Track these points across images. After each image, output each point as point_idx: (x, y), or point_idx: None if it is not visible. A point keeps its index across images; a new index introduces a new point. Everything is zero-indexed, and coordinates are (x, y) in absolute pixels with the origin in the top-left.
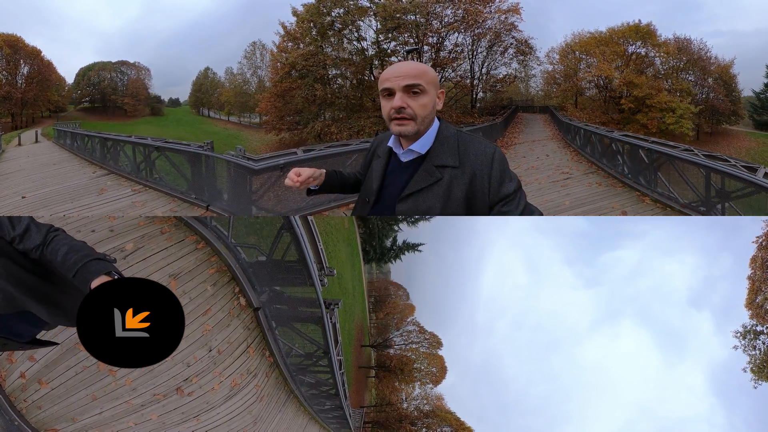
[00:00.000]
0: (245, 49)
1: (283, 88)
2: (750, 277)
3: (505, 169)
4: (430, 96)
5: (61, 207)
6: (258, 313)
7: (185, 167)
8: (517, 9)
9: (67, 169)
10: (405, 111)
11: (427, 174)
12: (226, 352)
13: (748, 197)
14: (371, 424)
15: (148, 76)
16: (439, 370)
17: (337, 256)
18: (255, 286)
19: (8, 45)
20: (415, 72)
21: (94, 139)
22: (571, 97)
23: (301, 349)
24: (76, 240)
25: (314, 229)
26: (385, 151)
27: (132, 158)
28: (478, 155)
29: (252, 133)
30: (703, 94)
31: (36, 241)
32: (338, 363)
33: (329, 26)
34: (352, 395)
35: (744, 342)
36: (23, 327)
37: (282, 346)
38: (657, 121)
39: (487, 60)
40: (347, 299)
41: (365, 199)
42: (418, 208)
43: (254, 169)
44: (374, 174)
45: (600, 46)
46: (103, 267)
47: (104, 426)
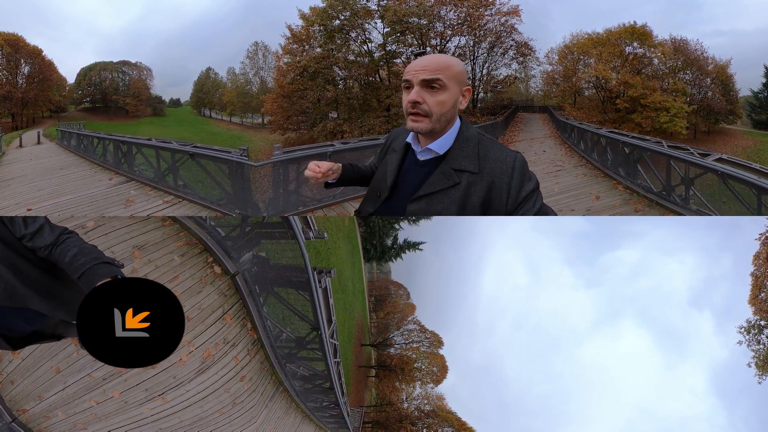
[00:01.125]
0: (248, 49)
1: (291, 89)
2: (753, 273)
3: (525, 173)
4: (450, 93)
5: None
6: (236, 279)
7: (219, 175)
8: (517, 11)
9: (77, 174)
10: (420, 106)
11: (445, 177)
12: (197, 318)
13: (700, 177)
14: (371, 424)
15: (149, 77)
16: (440, 370)
17: (336, 253)
18: (231, 254)
19: (9, 44)
20: (437, 66)
21: (105, 142)
22: (569, 97)
23: (288, 328)
24: (87, 243)
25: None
26: (402, 146)
27: (155, 164)
28: (498, 162)
29: (254, 133)
30: (700, 93)
31: (47, 240)
32: (332, 347)
33: (339, 30)
34: (352, 395)
35: (748, 337)
36: (19, 323)
37: (270, 328)
38: (651, 120)
39: (488, 61)
40: (347, 297)
41: (376, 193)
42: (431, 210)
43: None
44: (389, 169)
45: (597, 47)
46: (110, 271)
47: (67, 405)
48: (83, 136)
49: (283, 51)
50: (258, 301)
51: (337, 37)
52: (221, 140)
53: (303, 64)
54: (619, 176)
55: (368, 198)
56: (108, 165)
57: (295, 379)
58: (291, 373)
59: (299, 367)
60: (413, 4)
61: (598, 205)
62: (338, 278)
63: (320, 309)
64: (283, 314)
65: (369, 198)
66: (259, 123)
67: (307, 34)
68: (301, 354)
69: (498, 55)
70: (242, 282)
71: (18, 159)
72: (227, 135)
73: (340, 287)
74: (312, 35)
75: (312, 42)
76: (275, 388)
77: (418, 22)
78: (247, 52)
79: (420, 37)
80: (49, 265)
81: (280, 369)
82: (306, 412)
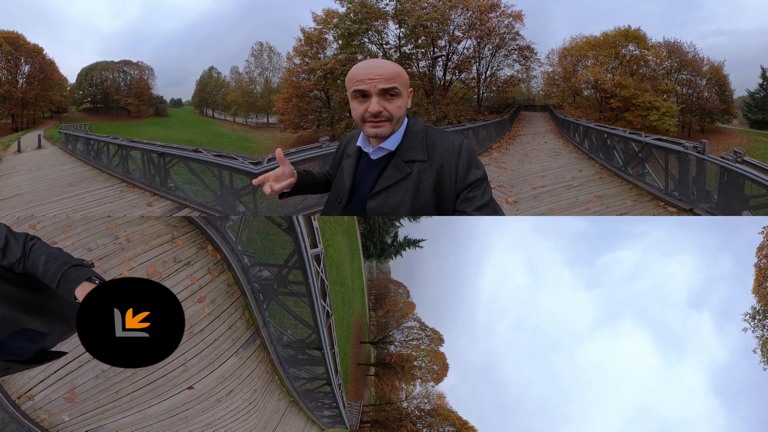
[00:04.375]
0: (252, 47)
1: (308, 88)
2: (756, 264)
3: (473, 159)
4: (403, 97)
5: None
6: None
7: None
8: (521, 16)
9: (95, 194)
10: (382, 114)
11: (397, 169)
12: (137, 241)
13: (647, 152)
14: (371, 423)
15: (151, 76)
16: (440, 368)
17: (335, 246)
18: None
19: (8, 42)
20: (391, 74)
21: (126, 150)
22: (569, 97)
23: (289, 330)
24: (52, 247)
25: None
26: (355, 149)
27: (212, 184)
28: (445, 147)
29: (261, 133)
30: (695, 94)
31: (17, 253)
32: (323, 311)
33: (358, 33)
34: (351, 393)
35: (753, 323)
36: (23, 345)
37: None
38: (642, 118)
39: (492, 63)
40: (346, 291)
41: (337, 199)
42: (389, 204)
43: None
44: (345, 173)
45: (594, 50)
46: (83, 273)
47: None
48: (93, 141)
49: (296, 52)
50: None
51: (356, 40)
52: (228, 141)
53: (330, 66)
54: (597, 158)
55: (328, 205)
56: (133, 179)
57: (288, 364)
58: (287, 360)
59: (285, 334)
60: (430, 9)
61: (580, 175)
62: (337, 271)
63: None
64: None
65: (329, 205)
66: (264, 123)
67: (319, 35)
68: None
69: (501, 57)
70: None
71: (15, 169)
72: (234, 136)
73: (339, 280)
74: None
75: (324, 44)
76: (272, 382)
77: (439, 27)
78: (252, 50)
79: (431, 40)
80: (27, 280)
81: (275, 357)
82: (289, 391)
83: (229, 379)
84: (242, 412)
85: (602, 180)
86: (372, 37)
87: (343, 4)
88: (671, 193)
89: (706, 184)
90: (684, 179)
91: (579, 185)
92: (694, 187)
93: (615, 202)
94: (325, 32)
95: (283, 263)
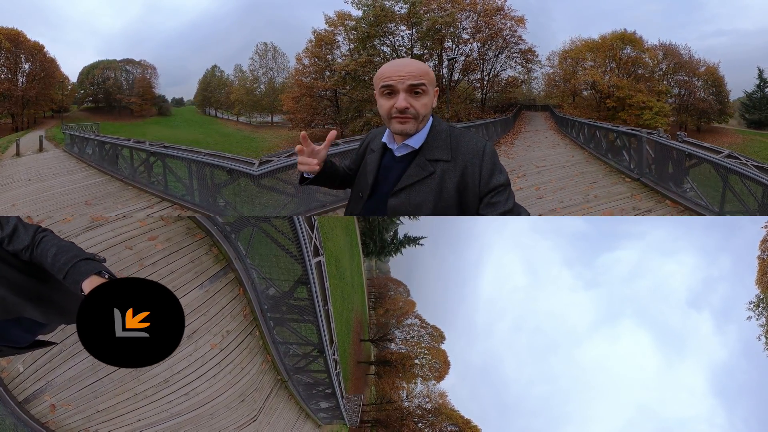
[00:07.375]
0: (257, 47)
1: (322, 86)
2: (759, 257)
3: (496, 162)
4: (429, 95)
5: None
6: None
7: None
8: (522, 20)
9: (129, 225)
10: (408, 111)
11: (420, 168)
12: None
13: (622, 141)
14: (372, 422)
15: (154, 75)
16: (442, 365)
17: (334, 240)
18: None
19: (8, 39)
20: (419, 72)
21: (147, 155)
22: (568, 98)
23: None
24: (64, 240)
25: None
26: (379, 145)
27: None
28: (469, 148)
29: (266, 132)
30: (690, 94)
31: (25, 241)
32: (322, 306)
33: (380, 35)
34: (351, 390)
35: (757, 311)
36: (19, 334)
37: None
38: (636, 117)
39: (496, 64)
40: (345, 287)
41: (359, 194)
42: (411, 202)
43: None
44: (368, 168)
45: (592, 53)
46: (93, 267)
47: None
48: (109, 145)
49: (306, 53)
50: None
51: (369, 42)
52: (234, 141)
53: (351, 67)
54: (588, 147)
55: (352, 199)
56: (159, 191)
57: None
58: (284, 352)
59: (284, 326)
60: (442, 13)
61: (572, 159)
62: (336, 265)
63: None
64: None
65: (352, 200)
66: (268, 122)
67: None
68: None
69: (504, 59)
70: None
71: (11, 179)
72: (239, 136)
73: (338, 274)
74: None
75: (335, 45)
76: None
77: (448, 30)
78: (257, 50)
79: (440, 42)
80: (32, 268)
81: (273, 345)
82: (286, 382)
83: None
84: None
85: (588, 162)
86: (386, 39)
87: (359, 7)
88: (633, 169)
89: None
90: (639, 157)
91: (570, 166)
92: (648, 162)
93: (592, 177)
94: (336, 33)
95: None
